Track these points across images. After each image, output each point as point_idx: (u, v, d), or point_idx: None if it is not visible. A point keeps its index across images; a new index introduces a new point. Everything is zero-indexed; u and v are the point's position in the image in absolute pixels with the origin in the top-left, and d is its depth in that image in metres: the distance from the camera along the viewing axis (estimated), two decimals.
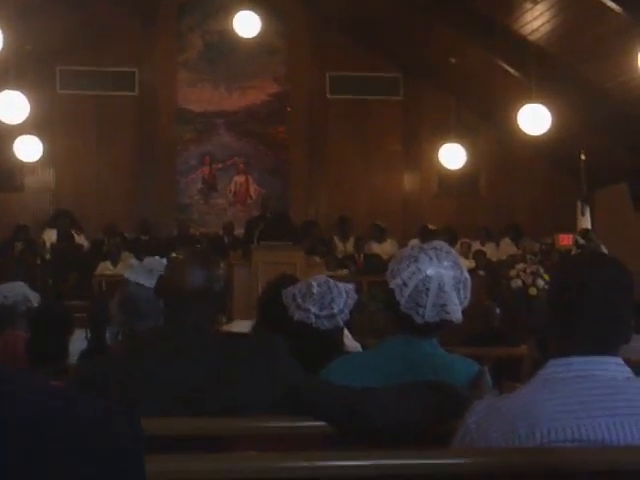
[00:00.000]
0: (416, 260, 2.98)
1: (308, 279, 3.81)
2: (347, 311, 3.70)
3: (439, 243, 3.10)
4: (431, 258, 2.98)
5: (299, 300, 3.65)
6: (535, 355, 5.28)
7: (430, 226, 15.53)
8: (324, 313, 3.64)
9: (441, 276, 2.95)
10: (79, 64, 16.03)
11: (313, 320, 3.63)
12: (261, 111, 16.75)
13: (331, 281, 3.76)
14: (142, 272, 3.89)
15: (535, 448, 2.14)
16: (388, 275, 3.04)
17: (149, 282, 3.63)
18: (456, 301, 2.97)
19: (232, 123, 16.67)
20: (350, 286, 3.82)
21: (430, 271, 2.95)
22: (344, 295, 3.70)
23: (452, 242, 15.42)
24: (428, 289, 2.94)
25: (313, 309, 3.63)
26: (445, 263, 2.98)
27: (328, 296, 3.66)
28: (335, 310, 3.65)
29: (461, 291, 2.99)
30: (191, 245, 12.78)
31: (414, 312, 2.96)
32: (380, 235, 15.86)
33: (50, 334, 4.79)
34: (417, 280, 2.95)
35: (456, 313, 2.97)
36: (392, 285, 3.00)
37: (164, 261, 3.70)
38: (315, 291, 3.66)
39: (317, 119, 16.74)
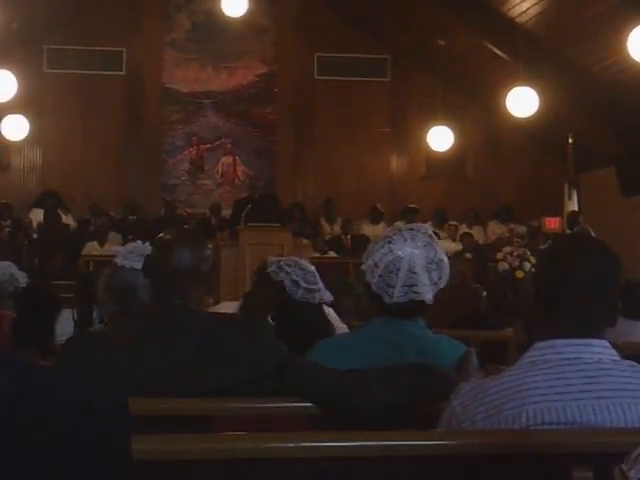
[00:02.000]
0: (390, 241, 3.00)
1: (287, 262, 3.83)
2: None
3: (419, 225, 3.11)
4: (405, 239, 2.99)
5: (304, 284, 3.68)
6: (521, 338, 5.30)
7: (410, 205, 15.56)
8: (321, 285, 3.71)
9: (412, 257, 2.95)
10: (66, 43, 15.94)
11: (317, 297, 3.68)
12: (249, 92, 16.70)
13: (290, 257, 3.86)
14: (134, 257, 3.86)
15: (521, 430, 2.15)
16: (364, 256, 3.06)
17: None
18: (426, 282, 2.96)
19: (219, 103, 16.61)
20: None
21: (402, 252, 2.96)
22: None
23: (441, 223, 15.48)
24: (398, 269, 2.94)
25: (320, 286, 3.70)
26: (419, 243, 2.98)
27: (313, 271, 3.74)
28: (321, 284, 3.74)
29: (433, 272, 2.98)
30: (179, 225, 12.74)
31: (384, 292, 2.97)
32: (377, 218, 15.91)
33: (36, 314, 4.78)
34: (387, 261, 2.96)
35: (426, 294, 2.96)
36: (363, 266, 3.02)
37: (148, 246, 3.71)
38: (311, 269, 3.72)
39: (305, 100, 16.71)
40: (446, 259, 3.03)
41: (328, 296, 3.74)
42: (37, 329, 4.71)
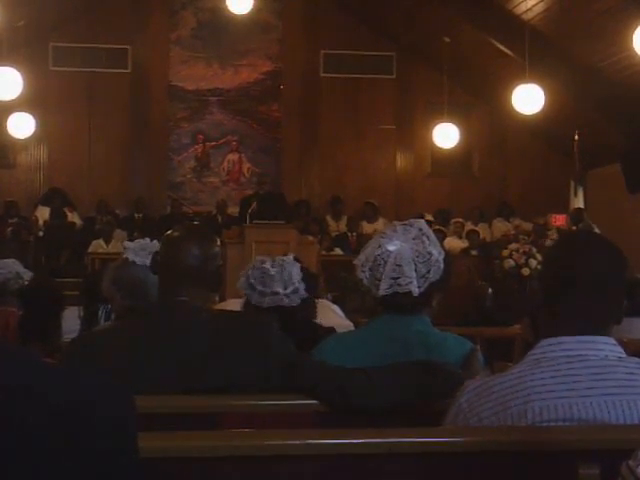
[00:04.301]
0: (383, 236, 3.01)
1: (254, 264, 3.75)
2: (302, 279, 3.69)
3: (417, 221, 3.10)
4: (397, 233, 2.99)
5: (260, 287, 3.62)
6: (527, 335, 5.29)
7: (427, 216, 15.45)
8: (289, 290, 3.63)
9: (400, 250, 2.95)
10: (72, 41, 15.96)
11: (286, 301, 3.62)
12: (254, 89, 16.71)
13: (277, 257, 3.75)
14: (145, 254, 3.86)
15: (527, 427, 2.15)
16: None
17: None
18: (411, 274, 2.95)
19: (225, 101, 16.62)
20: (291, 255, 3.80)
21: (391, 246, 2.96)
22: (295, 266, 3.70)
23: (444, 223, 15.43)
24: (385, 262, 2.95)
25: (281, 290, 3.61)
26: (409, 237, 2.98)
27: (286, 273, 3.65)
28: (297, 284, 3.65)
29: (420, 264, 2.96)
30: (188, 222, 12.73)
31: (373, 286, 2.98)
32: (372, 214, 15.85)
33: (40, 312, 4.77)
34: (376, 254, 2.97)
35: (410, 285, 2.94)
36: (355, 261, 3.03)
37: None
38: (273, 273, 3.63)
39: (310, 97, 16.70)
40: (436, 253, 3.00)
41: (286, 301, 3.64)
42: (42, 326, 4.71)
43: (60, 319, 4.85)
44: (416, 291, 2.95)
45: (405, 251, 2.95)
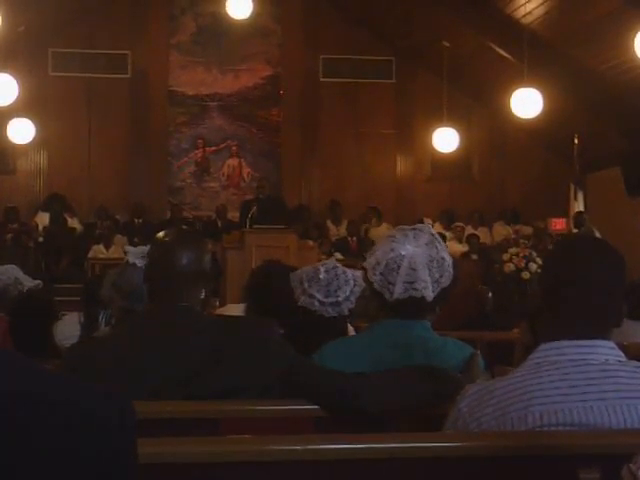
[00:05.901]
0: (393, 240, 3.01)
1: (317, 264, 3.76)
2: (353, 299, 3.66)
3: (423, 225, 3.11)
4: (408, 238, 2.99)
5: (305, 285, 3.63)
6: (527, 339, 5.29)
7: (427, 220, 15.45)
8: (329, 300, 3.61)
9: (413, 254, 2.96)
10: (71, 46, 15.96)
11: (317, 306, 3.61)
12: (254, 94, 16.71)
13: (340, 268, 3.71)
14: (144, 258, 3.86)
15: (527, 432, 2.15)
16: (367, 255, 3.07)
17: None
18: (426, 279, 2.95)
19: (225, 106, 16.63)
20: (358, 273, 3.76)
21: (404, 250, 2.96)
22: (351, 283, 3.67)
23: (449, 225, 15.44)
24: (399, 266, 2.95)
25: (318, 295, 3.60)
26: (421, 242, 2.99)
27: (334, 283, 3.62)
28: (340, 298, 3.62)
29: (434, 269, 2.97)
30: (177, 226, 12.71)
31: (385, 290, 2.98)
32: (377, 218, 15.88)
33: (30, 323, 4.75)
34: (389, 258, 2.96)
35: (425, 290, 2.95)
36: (365, 264, 3.02)
37: None
38: (322, 277, 3.62)
39: (310, 102, 16.71)
40: (448, 258, 3.02)
41: (317, 307, 3.63)
42: (33, 335, 4.69)
43: (50, 329, 4.82)
44: (430, 296, 2.96)
45: (419, 256, 2.96)
